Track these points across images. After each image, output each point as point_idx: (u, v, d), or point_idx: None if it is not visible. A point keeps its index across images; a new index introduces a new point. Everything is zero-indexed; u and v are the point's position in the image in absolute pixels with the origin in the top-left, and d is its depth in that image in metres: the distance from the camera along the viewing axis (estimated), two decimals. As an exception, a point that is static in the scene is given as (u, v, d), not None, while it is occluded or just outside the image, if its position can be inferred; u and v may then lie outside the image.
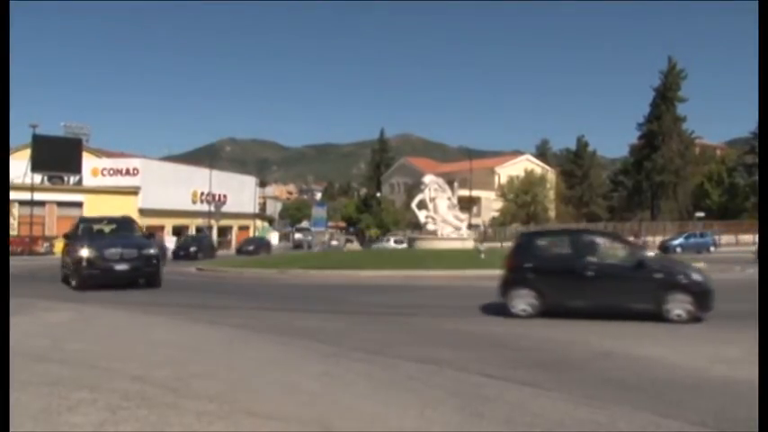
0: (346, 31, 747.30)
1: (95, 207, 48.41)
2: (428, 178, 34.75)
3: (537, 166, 76.72)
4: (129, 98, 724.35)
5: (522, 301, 10.56)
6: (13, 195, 36.71)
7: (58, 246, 43.73)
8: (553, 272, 10.72)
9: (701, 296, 9.97)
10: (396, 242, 51.39)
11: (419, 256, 27.02)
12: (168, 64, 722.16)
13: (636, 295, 10.10)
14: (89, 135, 63.53)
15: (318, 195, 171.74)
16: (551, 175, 75.42)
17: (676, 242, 43.82)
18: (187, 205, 55.05)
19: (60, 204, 48.96)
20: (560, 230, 12.52)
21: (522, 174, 70.84)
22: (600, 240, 11.29)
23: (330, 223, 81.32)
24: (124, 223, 18.87)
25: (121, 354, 6.98)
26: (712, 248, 42.67)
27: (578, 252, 10.64)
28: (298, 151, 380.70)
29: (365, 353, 7.32)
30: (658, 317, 9.82)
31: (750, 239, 50.60)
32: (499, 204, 70.17)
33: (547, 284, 10.53)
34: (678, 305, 9.87)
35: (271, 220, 77.75)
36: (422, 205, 33.53)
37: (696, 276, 10.38)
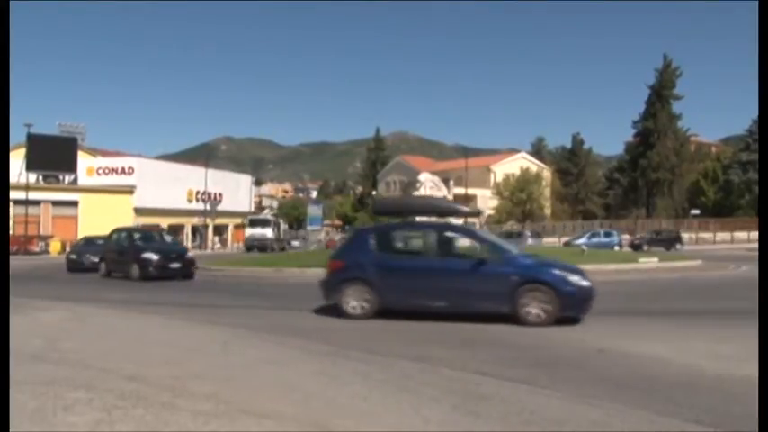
0: (342, 30, 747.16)
1: (91, 206, 48.43)
2: (424, 176, 34.80)
3: (532, 164, 76.92)
4: (125, 97, 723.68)
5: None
6: (7, 194, 36.60)
7: (54, 245, 43.87)
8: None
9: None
10: None
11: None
12: (164, 63, 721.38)
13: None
14: (84, 134, 63.38)
15: (314, 194, 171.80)
16: (547, 172, 75.62)
17: (579, 242, 43.95)
18: (183, 204, 55.00)
19: (55, 204, 48.87)
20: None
21: (517, 172, 71.01)
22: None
23: (326, 221, 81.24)
24: None
25: (117, 353, 6.97)
26: (617, 248, 42.51)
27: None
28: (293, 150, 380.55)
29: (361, 352, 7.32)
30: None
31: (745, 237, 50.80)
32: (495, 202, 70.27)
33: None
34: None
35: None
36: (418, 203, 33.48)
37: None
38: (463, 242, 10.92)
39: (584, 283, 9.78)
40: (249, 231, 51.78)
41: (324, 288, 11.07)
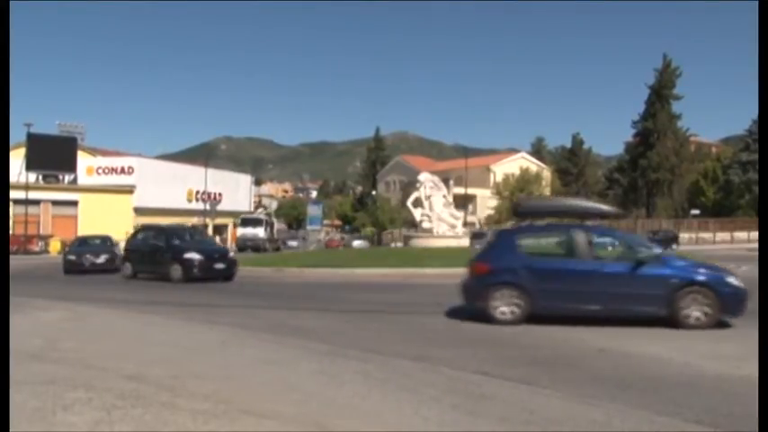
0: (342, 29, 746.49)
1: (91, 206, 48.41)
2: (423, 176, 34.67)
3: (532, 164, 76.87)
4: (125, 97, 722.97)
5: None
6: (7, 194, 36.52)
7: (53, 245, 43.85)
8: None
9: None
10: (359, 241, 51.75)
11: (415, 254, 27.02)
12: (164, 62, 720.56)
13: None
14: (84, 134, 63.48)
15: (314, 194, 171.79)
16: (547, 172, 75.53)
17: None
18: (182, 204, 54.89)
19: (55, 203, 48.82)
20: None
21: (517, 171, 70.96)
22: None
23: (326, 221, 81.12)
24: None
25: (116, 352, 6.96)
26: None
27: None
28: (293, 149, 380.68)
29: (361, 351, 7.32)
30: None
31: (745, 237, 50.80)
32: (495, 202, 70.24)
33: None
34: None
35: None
36: (417, 203, 33.47)
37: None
38: (612, 243, 10.74)
39: (739, 284, 9.56)
40: (241, 231, 50.71)
41: (467, 293, 10.50)
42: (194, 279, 18.44)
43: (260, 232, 49.75)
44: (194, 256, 19.01)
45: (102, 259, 23.41)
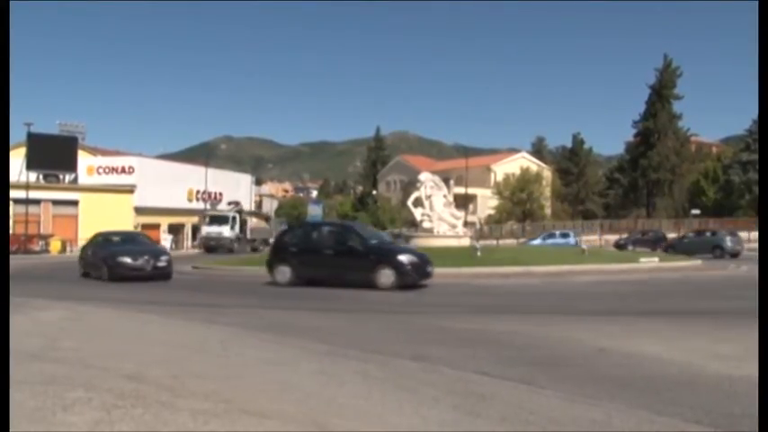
0: (342, 29, 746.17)
1: (91, 206, 48.45)
2: (424, 176, 34.66)
3: (533, 164, 77.03)
4: (125, 96, 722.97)
5: None
6: (7, 194, 36.50)
7: (54, 244, 43.87)
8: None
9: None
10: None
11: (415, 253, 26.96)
12: (163, 62, 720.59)
13: None
14: (84, 133, 63.62)
15: (314, 193, 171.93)
16: (547, 172, 75.68)
17: (535, 242, 44.20)
18: (183, 203, 55.00)
19: (56, 203, 48.89)
20: None
21: (517, 171, 71.14)
22: None
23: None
24: None
25: (116, 352, 6.96)
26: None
27: None
28: (293, 149, 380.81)
29: (361, 351, 7.31)
30: None
31: (745, 237, 50.77)
32: (495, 202, 70.37)
33: None
34: None
35: (267, 218, 76.99)
36: (418, 203, 33.45)
37: None
38: None
39: None
40: (205, 230, 46.98)
41: None
42: (408, 286, 16.14)
43: (225, 231, 45.77)
44: (407, 258, 16.83)
45: (163, 262, 19.84)
